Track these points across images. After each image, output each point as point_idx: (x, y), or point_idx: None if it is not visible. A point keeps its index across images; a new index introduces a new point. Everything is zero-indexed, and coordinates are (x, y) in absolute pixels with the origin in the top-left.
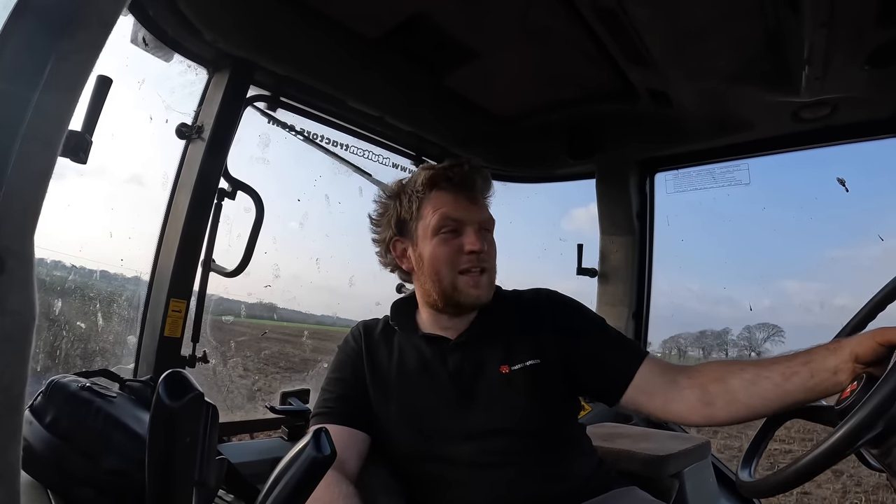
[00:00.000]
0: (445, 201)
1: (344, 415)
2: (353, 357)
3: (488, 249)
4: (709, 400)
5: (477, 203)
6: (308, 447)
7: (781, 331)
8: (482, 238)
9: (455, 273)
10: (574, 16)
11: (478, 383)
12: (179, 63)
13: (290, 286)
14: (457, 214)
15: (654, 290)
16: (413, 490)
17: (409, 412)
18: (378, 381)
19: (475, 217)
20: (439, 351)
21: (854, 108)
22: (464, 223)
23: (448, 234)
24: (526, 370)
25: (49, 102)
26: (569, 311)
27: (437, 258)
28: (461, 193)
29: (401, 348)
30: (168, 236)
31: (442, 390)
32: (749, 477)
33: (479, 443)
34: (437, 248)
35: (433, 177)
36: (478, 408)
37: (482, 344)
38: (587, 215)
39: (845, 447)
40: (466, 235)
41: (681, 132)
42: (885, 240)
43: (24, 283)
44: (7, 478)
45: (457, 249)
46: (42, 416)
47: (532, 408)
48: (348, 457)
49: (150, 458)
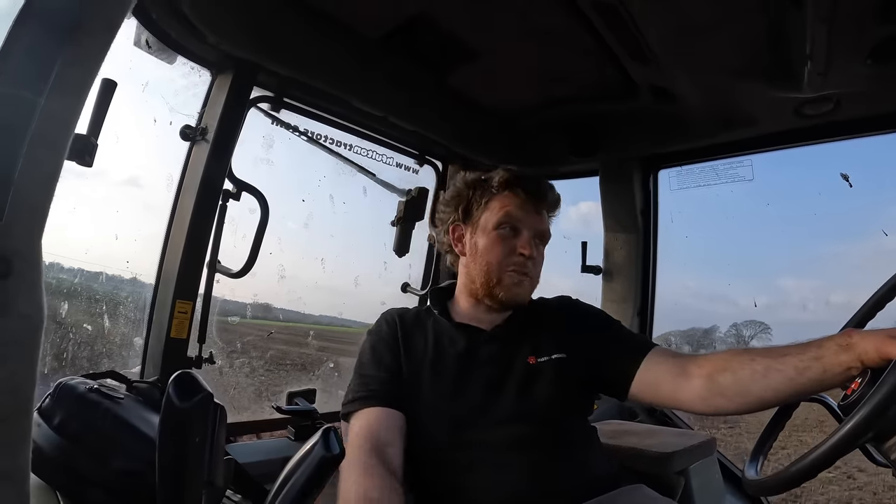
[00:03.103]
0: (513, 202)
1: (388, 397)
2: (388, 340)
3: (537, 258)
4: (718, 390)
5: (541, 214)
6: (317, 446)
7: (768, 328)
8: (535, 246)
9: (503, 269)
10: (575, 13)
11: (508, 373)
12: (183, 65)
13: (296, 286)
14: (520, 216)
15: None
16: (433, 477)
17: (441, 397)
18: (413, 365)
19: (535, 225)
20: (474, 340)
21: (857, 103)
22: (523, 227)
23: (506, 231)
24: (552, 362)
25: (55, 106)
26: (588, 314)
27: (491, 251)
28: (530, 200)
29: (436, 335)
30: (173, 238)
31: (474, 378)
32: (755, 474)
33: (504, 429)
34: (493, 242)
35: (511, 178)
36: (506, 395)
37: (514, 338)
38: (577, 213)
39: (850, 443)
40: (521, 238)
41: (684, 129)
42: (888, 235)
43: (33, 286)
44: (17, 480)
45: (510, 249)
46: (50, 419)
47: (554, 398)
48: (393, 439)
49: (161, 458)
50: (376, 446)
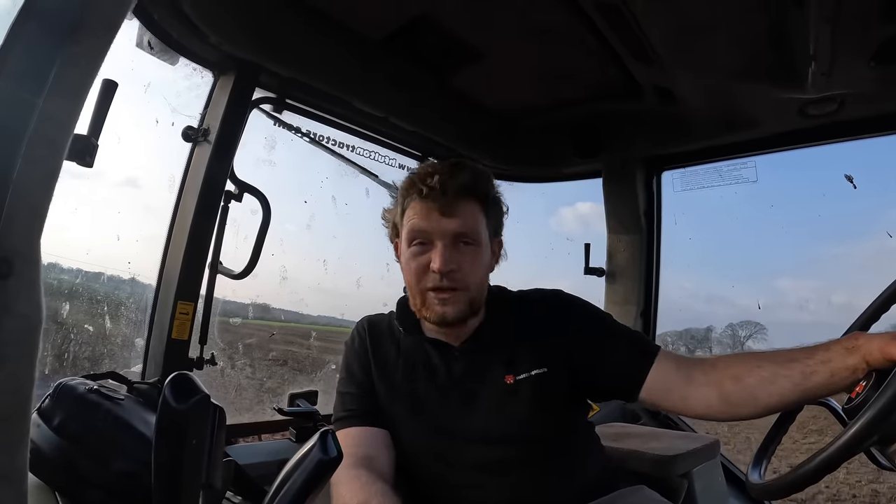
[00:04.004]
0: (417, 211)
1: (366, 415)
2: (359, 353)
3: (466, 265)
4: (726, 398)
5: (452, 213)
6: (314, 449)
7: (764, 328)
8: (455, 253)
9: (422, 290)
10: (577, 13)
11: (483, 391)
12: (185, 66)
13: (298, 287)
14: (424, 226)
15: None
16: (417, 488)
17: (415, 411)
18: (384, 378)
19: (445, 229)
20: (444, 357)
21: (861, 103)
22: (433, 237)
23: (418, 246)
24: (531, 379)
25: (55, 106)
26: (576, 313)
27: (408, 271)
28: (430, 203)
29: (406, 348)
30: (175, 239)
31: (447, 395)
32: (759, 478)
33: (484, 449)
34: (409, 261)
35: (408, 184)
36: (482, 415)
37: (487, 352)
38: (573, 214)
39: (855, 447)
40: (434, 251)
41: (687, 130)
42: (893, 236)
43: (32, 286)
44: (15, 480)
45: (425, 265)
46: (50, 419)
47: (537, 418)
48: (378, 454)
49: (157, 460)
50: (361, 461)
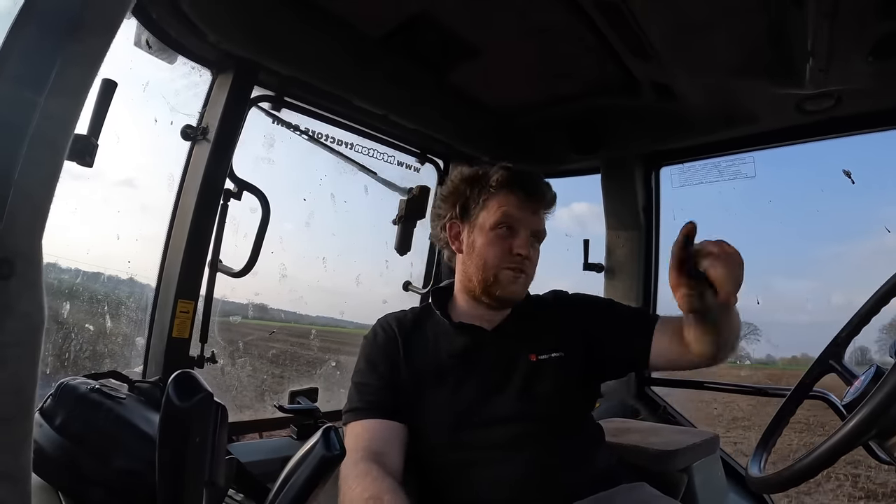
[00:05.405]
0: (511, 202)
1: (384, 408)
2: (386, 347)
3: (534, 258)
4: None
5: (538, 213)
6: (318, 446)
7: (758, 329)
8: (531, 245)
9: (499, 267)
10: (576, 10)
11: (511, 371)
12: (183, 65)
13: (297, 286)
14: (517, 216)
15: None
16: (431, 474)
17: (444, 398)
18: (414, 369)
19: (533, 225)
20: (476, 340)
21: (858, 99)
22: (520, 227)
23: (503, 231)
24: (551, 361)
25: (55, 107)
26: (580, 299)
27: (488, 250)
28: (528, 200)
29: (436, 337)
30: (175, 237)
31: (479, 377)
32: (759, 471)
33: (506, 427)
34: (490, 242)
35: (509, 177)
36: (509, 393)
37: (515, 336)
38: (569, 214)
39: (854, 441)
40: (519, 239)
41: (685, 126)
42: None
43: (34, 286)
44: (19, 480)
45: (507, 249)
46: (52, 419)
47: (554, 395)
48: (390, 450)
49: (161, 458)
50: (371, 455)
